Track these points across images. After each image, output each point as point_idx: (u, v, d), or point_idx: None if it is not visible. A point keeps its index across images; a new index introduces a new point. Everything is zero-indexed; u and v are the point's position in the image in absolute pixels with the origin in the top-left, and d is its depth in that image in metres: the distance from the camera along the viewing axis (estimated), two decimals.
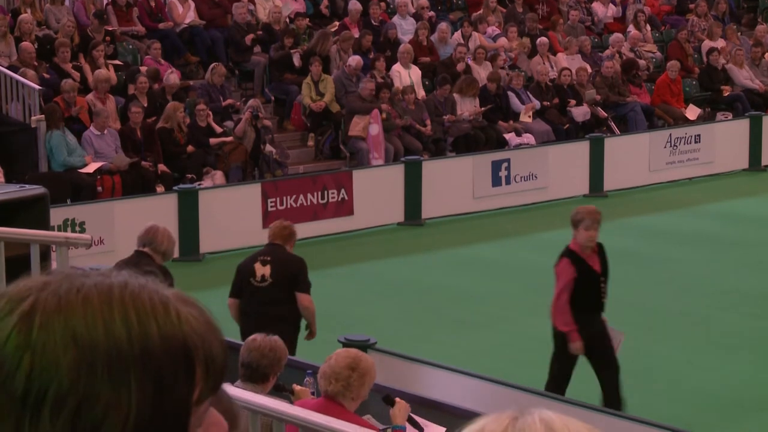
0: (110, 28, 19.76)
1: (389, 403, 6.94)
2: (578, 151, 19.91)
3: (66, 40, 18.52)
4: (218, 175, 17.74)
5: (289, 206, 16.81)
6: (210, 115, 18.36)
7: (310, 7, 22.61)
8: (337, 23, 22.09)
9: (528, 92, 21.51)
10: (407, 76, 20.75)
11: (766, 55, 24.57)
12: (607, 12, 25.36)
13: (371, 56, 20.87)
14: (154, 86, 18.60)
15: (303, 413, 5.29)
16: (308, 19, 21.80)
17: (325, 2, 22.65)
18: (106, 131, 17.19)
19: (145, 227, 9.77)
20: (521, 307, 13.64)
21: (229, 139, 18.27)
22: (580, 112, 21.61)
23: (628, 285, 14.53)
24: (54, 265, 7.37)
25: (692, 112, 23.04)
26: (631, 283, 14.62)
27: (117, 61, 19.25)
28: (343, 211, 17.28)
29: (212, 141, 18.19)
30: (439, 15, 23.92)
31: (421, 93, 20.75)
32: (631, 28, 24.62)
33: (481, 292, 14.31)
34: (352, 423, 5.71)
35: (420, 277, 15.02)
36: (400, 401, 6.97)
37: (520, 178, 19.15)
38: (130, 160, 17.04)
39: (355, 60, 20.23)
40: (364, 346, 9.57)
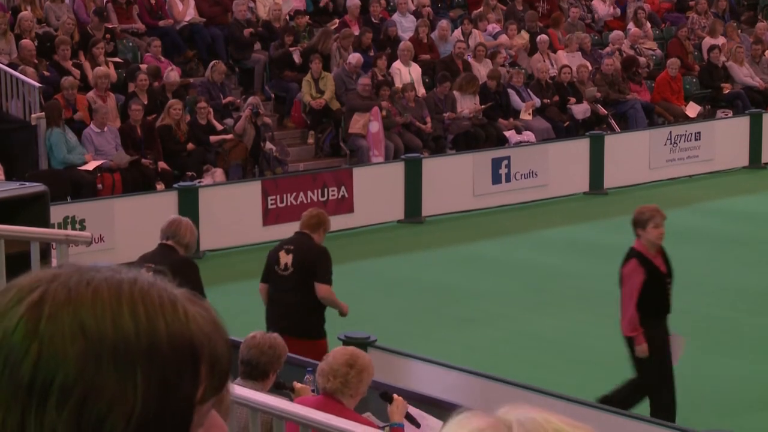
0: (110, 26, 19.75)
1: (387, 400, 6.95)
2: (578, 149, 19.90)
3: (66, 38, 18.52)
4: (218, 173, 17.74)
5: (289, 204, 16.80)
6: (210, 113, 18.36)
7: (310, 5, 22.61)
8: (337, 21, 22.08)
9: (528, 90, 21.50)
10: (407, 73, 20.74)
11: (766, 53, 24.56)
12: (607, 10, 25.36)
13: (371, 54, 20.87)
14: (154, 84, 18.60)
15: (303, 411, 5.30)
16: (308, 17, 21.80)
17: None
18: (106, 128, 17.19)
19: (168, 220, 9.91)
20: (521, 305, 13.65)
21: (230, 136, 18.27)
22: (580, 110, 21.61)
23: None
24: (54, 262, 7.37)
25: (692, 110, 23.04)
26: None
27: (117, 59, 19.24)
28: (343, 209, 17.27)
29: (212, 139, 18.19)
30: (440, 12, 23.91)
31: (422, 90, 20.74)
32: (632, 26, 24.62)
33: (481, 290, 14.31)
34: (352, 420, 5.71)
35: (420, 275, 15.02)
36: (398, 398, 6.98)
37: (521, 175, 19.14)
38: (131, 159, 17.04)
39: (356, 57, 20.22)
40: (364, 343, 9.58)
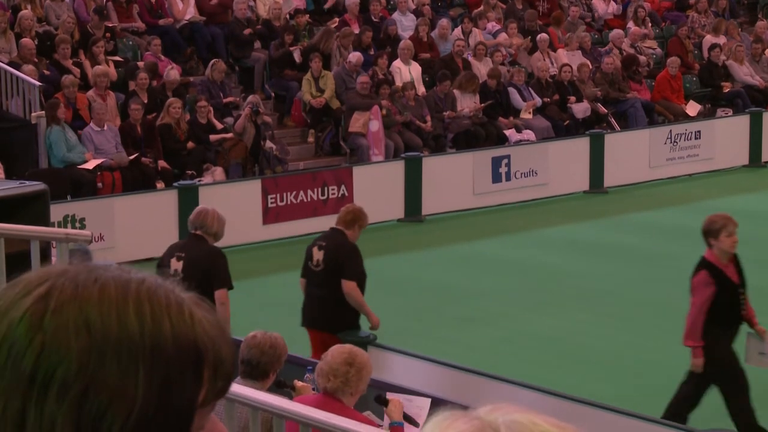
0: (110, 25, 19.75)
1: (383, 403, 6.95)
2: (578, 148, 19.90)
3: (66, 37, 18.51)
4: (218, 172, 17.74)
5: (289, 202, 16.80)
6: (210, 112, 18.36)
7: (310, 4, 22.61)
8: (337, 19, 22.08)
9: (529, 88, 21.50)
10: (407, 72, 20.73)
11: (766, 52, 24.56)
12: (607, 8, 25.36)
13: (371, 52, 20.87)
14: (154, 83, 18.59)
15: (303, 410, 5.29)
16: (308, 16, 21.80)
17: None
18: (106, 127, 17.19)
19: (195, 210, 10.07)
20: (521, 304, 13.65)
21: (229, 135, 18.27)
22: (580, 109, 21.61)
23: (628, 281, 14.56)
24: (54, 261, 7.36)
25: (692, 109, 23.04)
26: (631, 278, 14.64)
27: (117, 58, 19.24)
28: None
29: (212, 137, 18.19)
30: (440, 11, 23.91)
31: (422, 89, 20.74)
32: (632, 25, 24.61)
33: (481, 289, 14.31)
34: (352, 419, 5.71)
35: (420, 274, 15.01)
36: (393, 399, 6.98)
37: (521, 174, 19.14)
38: (131, 158, 17.04)
39: (356, 56, 20.21)
40: (364, 342, 9.60)
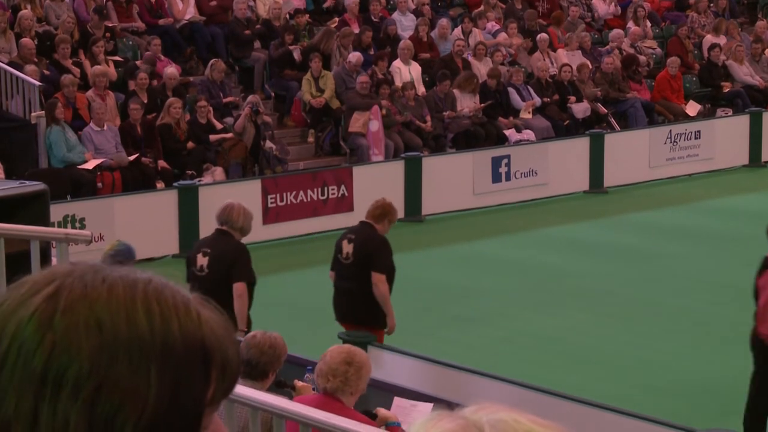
0: (110, 24, 19.75)
1: (371, 417, 6.97)
2: (578, 148, 19.90)
3: (66, 37, 18.51)
4: (218, 172, 17.74)
5: (289, 202, 16.80)
6: (210, 112, 18.36)
7: (310, 4, 22.61)
8: (336, 19, 22.09)
9: (528, 88, 21.50)
10: (407, 72, 20.73)
11: (766, 52, 24.56)
12: (607, 8, 25.36)
13: (371, 52, 20.87)
14: (154, 82, 18.59)
15: (303, 409, 5.29)
16: (308, 16, 21.80)
17: None
18: (106, 127, 17.19)
19: (221, 205, 10.05)
20: (521, 304, 13.66)
21: (229, 135, 18.27)
22: (580, 109, 21.61)
23: (628, 281, 14.56)
24: (54, 261, 7.36)
25: (692, 109, 23.03)
26: (631, 278, 14.64)
27: (117, 57, 19.25)
28: (343, 208, 17.27)
29: (212, 137, 18.19)
30: (439, 11, 23.91)
31: (421, 89, 20.74)
32: (631, 24, 24.61)
33: (481, 289, 14.31)
34: (352, 419, 5.71)
35: (420, 274, 15.00)
36: (380, 410, 7.00)
37: (520, 174, 19.14)
38: (131, 158, 17.04)
39: (356, 56, 20.21)
40: (364, 342, 9.60)
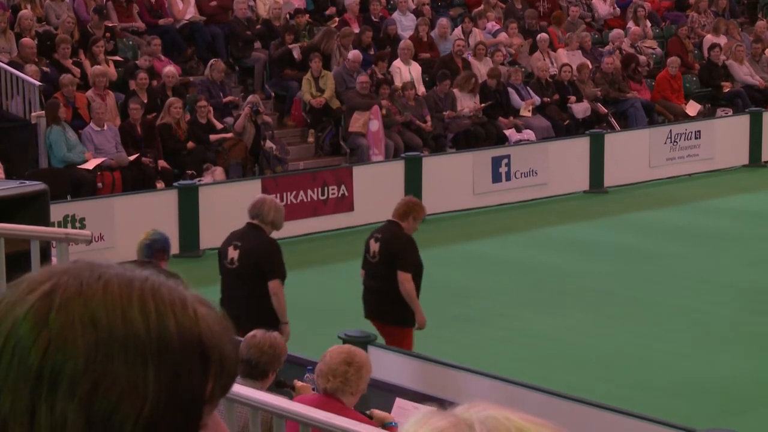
0: (110, 24, 19.75)
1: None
2: (578, 148, 19.90)
3: (66, 36, 18.52)
4: (218, 171, 17.74)
5: (289, 202, 16.79)
6: (210, 112, 18.36)
7: (310, 4, 22.61)
8: (336, 19, 22.09)
9: (528, 88, 21.50)
10: (407, 72, 20.73)
11: (766, 52, 24.56)
12: (607, 8, 25.35)
13: (371, 52, 20.87)
14: (154, 82, 18.60)
15: (303, 409, 5.30)
16: (308, 16, 21.80)
17: None
18: (106, 127, 17.19)
19: (253, 199, 10.09)
20: (521, 303, 13.66)
21: (229, 135, 18.27)
22: (580, 109, 21.61)
23: (628, 281, 14.56)
24: (54, 261, 7.37)
25: (692, 108, 23.03)
26: (631, 278, 14.64)
27: (117, 57, 19.25)
28: (343, 207, 17.27)
29: (212, 137, 18.19)
30: (440, 11, 23.91)
31: (421, 89, 20.74)
32: (631, 24, 24.61)
33: (481, 289, 14.31)
34: (353, 419, 5.71)
35: None
36: (375, 411, 6.99)
37: (520, 174, 19.14)
38: (131, 158, 17.05)
39: (354, 53, 20.19)
40: (364, 342, 9.60)
